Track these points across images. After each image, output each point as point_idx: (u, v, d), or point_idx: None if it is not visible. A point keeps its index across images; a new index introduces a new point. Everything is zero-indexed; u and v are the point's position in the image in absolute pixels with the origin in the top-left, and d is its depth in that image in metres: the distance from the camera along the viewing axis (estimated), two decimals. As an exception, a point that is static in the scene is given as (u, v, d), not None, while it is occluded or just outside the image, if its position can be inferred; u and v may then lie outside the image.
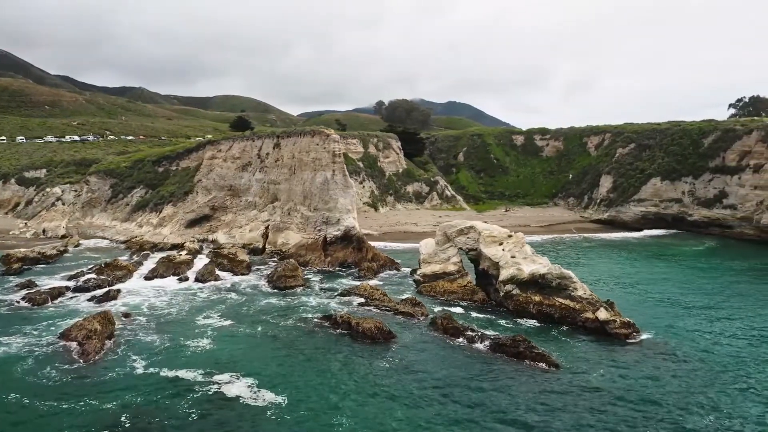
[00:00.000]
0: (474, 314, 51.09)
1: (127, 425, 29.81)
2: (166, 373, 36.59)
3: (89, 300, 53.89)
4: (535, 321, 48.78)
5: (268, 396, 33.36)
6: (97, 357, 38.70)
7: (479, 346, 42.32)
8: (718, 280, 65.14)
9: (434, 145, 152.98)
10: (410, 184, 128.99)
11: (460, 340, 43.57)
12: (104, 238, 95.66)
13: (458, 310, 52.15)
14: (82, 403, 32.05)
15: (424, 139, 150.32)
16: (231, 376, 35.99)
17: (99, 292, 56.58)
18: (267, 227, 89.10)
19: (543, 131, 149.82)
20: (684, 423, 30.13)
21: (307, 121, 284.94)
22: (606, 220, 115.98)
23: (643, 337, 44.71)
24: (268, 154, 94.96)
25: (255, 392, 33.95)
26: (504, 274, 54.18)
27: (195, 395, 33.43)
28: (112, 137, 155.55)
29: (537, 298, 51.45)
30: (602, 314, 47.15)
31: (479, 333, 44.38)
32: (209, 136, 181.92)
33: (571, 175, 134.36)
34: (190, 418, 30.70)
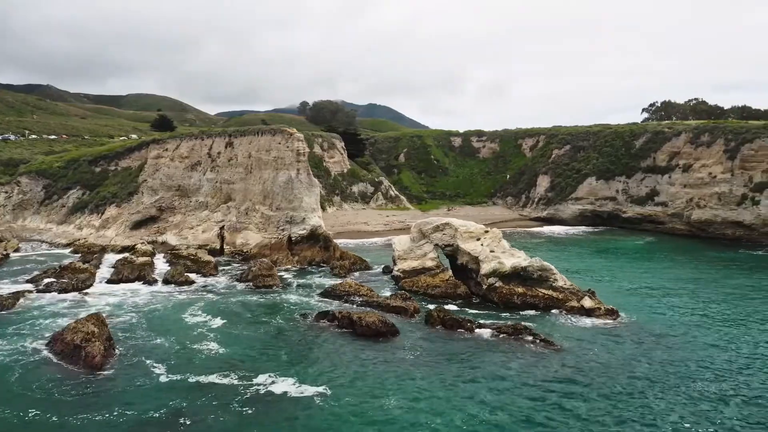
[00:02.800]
0: (463, 307, 52.32)
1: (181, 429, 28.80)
2: (191, 376, 35.25)
3: (63, 302, 50.92)
4: (522, 311, 50.61)
5: (310, 389, 33.37)
6: (104, 361, 36.75)
7: (481, 334, 43.62)
8: (667, 269, 70.39)
9: (374, 146, 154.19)
10: (355, 184, 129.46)
11: (461, 330, 44.64)
12: (42, 241, 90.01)
13: (445, 303, 53.17)
14: (108, 411, 30.32)
15: (364, 140, 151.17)
16: (268, 376, 35.32)
17: (68, 294, 53.61)
18: (222, 228, 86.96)
19: (479, 133, 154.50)
20: (678, 379, 32.92)
21: (228, 121, 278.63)
22: (545, 217, 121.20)
23: (624, 320, 47.61)
24: (219, 153, 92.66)
25: (297, 387, 33.83)
26: (485, 268, 55.86)
27: (237, 395, 32.79)
28: (33, 136, 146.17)
29: (520, 290, 53.48)
30: (587, 302, 49.77)
31: (477, 323, 45.77)
32: (134, 136, 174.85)
33: (508, 176, 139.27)
34: (244, 415, 30.24)
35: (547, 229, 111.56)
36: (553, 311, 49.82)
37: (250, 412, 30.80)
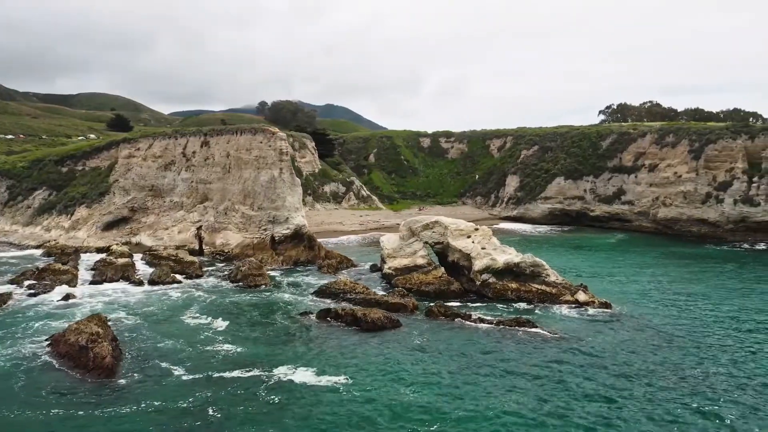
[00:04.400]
0: (459, 302, 52.95)
1: (212, 423, 28.59)
2: (208, 371, 35.15)
3: (52, 303, 49.34)
4: (518, 304, 51.63)
5: (331, 379, 33.89)
6: (113, 361, 35.83)
7: (484, 326, 44.44)
8: (643, 265, 73.13)
9: (343, 147, 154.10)
10: (327, 184, 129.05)
11: (464, 322, 45.41)
12: (9, 243, 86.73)
13: (441, 299, 53.63)
14: (133, 407, 29.73)
15: (333, 141, 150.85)
16: (286, 369, 35.56)
17: (54, 296, 52.04)
18: (199, 228, 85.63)
19: (448, 134, 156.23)
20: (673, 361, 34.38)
21: (184, 121, 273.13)
22: (515, 216, 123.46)
23: (617, 312, 49.21)
24: (194, 152, 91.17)
25: (317, 377, 34.26)
26: (478, 265, 56.73)
27: (259, 386, 33.13)
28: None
29: (514, 285, 54.57)
30: (581, 296, 51.16)
31: (478, 316, 46.66)
32: (92, 136, 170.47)
33: (477, 176, 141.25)
34: (273, 405, 30.53)
35: (519, 228, 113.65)
36: (549, 305, 50.97)
37: (276, 400, 31.10)
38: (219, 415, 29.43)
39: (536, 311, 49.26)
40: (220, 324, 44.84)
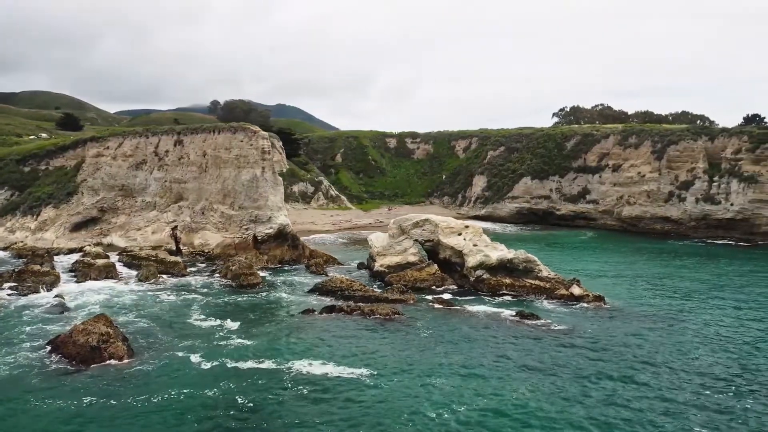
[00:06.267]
0: (458, 297, 53.70)
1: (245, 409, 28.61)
2: (228, 364, 34.96)
3: (42, 305, 47.60)
4: (514, 299, 52.78)
5: (354, 370, 34.18)
6: (131, 361, 35.04)
7: (489, 319, 45.38)
8: (618, 260, 76.59)
9: (309, 146, 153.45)
10: (296, 184, 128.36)
11: (469, 316, 46.28)
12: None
13: (438, 295, 54.45)
14: (160, 400, 29.15)
15: (299, 140, 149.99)
16: (305, 361, 35.61)
17: (42, 297, 50.28)
18: (174, 228, 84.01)
19: (413, 135, 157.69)
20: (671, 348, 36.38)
21: (133, 120, 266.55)
22: (483, 216, 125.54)
23: (611, 305, 51.01)
24: (167, 151, 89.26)
25: (337, 368, 34.45)
26: (472, 261, 57.76)
27: (283, 377, 33.25)
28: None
29: (508, 281, 55.80)
30: (576, 290, 52.73)
31: (481, 309, 47.79)
32: (44, 135, 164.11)
33: (444, 176, 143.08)
34: (300, 394, 30.82)
35: (489, 227, 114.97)
36: (545, 299, 52.36)
37: (305, 391, 31.26)
38: (250, 403, 29.63)
39: (535, 305, 50.57)
40: (227, 321, 44.21)
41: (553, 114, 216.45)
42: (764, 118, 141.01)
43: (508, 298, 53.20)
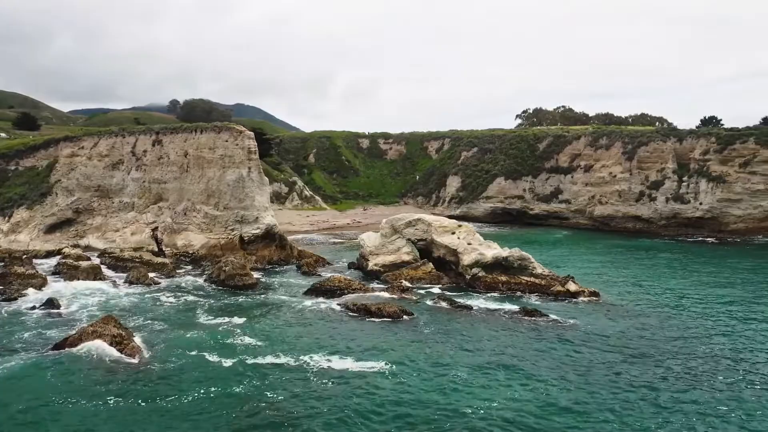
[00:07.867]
0: (457, 295, 54.28)
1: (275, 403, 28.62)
2: (246, 360, 35.03)
3: (37, 308, 46.30)
4: (512, 296, 53.75)
5: (374, 365, 34.57)
6: (148, 361, 34.50)
7: (494, 316, 46.24)
8: (599, 257, 78.57)
9: (281, 146, 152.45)
10: (270, 184, 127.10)
11: (473, 312, 47.08)
12: (-60, 249, 79.60)
13: (437, 292, 55.05)
14: (187, 396, 28.84)
15: (270, 140, 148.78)
16: (322, 357, 35.82)
17: (31, 301, 48.92)
18: (154, 229, 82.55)
19: (386, 135, 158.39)
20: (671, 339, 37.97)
21: (90, 119, 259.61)
22: (458, 215, 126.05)
23: (606, 300, 52.57)
24: (146, 151, 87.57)
25: (356, 363, 34.89)
26: (467, 259, 58.64)
27: (304, 372, 33.49)
28: None
29: (504, 278, 56.83)
30: (572, 287, 54.10)
31: (484, 306, 48.63)
32: (2, 135, 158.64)
33: (417, 176, 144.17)
34: (324, 387, 31.22)
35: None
36: (542, 296, 53.55)
37: (329, 385, 31.53)
38: (281, 397, 29.75)
39: (533, 301, 51.65)
40: (234, 320, 43.89)
41: (516, 116, 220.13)
42: (720, 120, 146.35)
43: (505, 295, 54.15)
